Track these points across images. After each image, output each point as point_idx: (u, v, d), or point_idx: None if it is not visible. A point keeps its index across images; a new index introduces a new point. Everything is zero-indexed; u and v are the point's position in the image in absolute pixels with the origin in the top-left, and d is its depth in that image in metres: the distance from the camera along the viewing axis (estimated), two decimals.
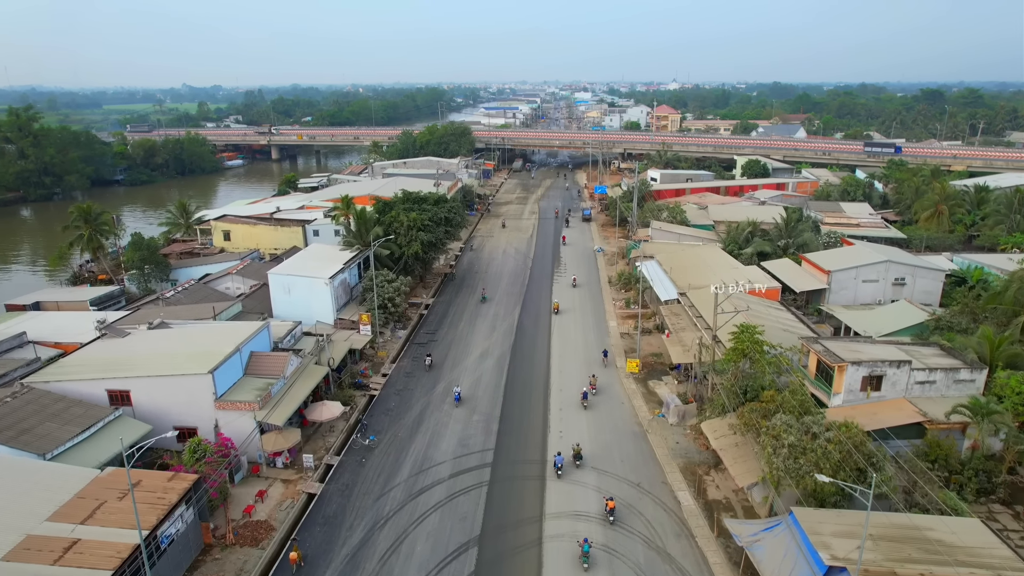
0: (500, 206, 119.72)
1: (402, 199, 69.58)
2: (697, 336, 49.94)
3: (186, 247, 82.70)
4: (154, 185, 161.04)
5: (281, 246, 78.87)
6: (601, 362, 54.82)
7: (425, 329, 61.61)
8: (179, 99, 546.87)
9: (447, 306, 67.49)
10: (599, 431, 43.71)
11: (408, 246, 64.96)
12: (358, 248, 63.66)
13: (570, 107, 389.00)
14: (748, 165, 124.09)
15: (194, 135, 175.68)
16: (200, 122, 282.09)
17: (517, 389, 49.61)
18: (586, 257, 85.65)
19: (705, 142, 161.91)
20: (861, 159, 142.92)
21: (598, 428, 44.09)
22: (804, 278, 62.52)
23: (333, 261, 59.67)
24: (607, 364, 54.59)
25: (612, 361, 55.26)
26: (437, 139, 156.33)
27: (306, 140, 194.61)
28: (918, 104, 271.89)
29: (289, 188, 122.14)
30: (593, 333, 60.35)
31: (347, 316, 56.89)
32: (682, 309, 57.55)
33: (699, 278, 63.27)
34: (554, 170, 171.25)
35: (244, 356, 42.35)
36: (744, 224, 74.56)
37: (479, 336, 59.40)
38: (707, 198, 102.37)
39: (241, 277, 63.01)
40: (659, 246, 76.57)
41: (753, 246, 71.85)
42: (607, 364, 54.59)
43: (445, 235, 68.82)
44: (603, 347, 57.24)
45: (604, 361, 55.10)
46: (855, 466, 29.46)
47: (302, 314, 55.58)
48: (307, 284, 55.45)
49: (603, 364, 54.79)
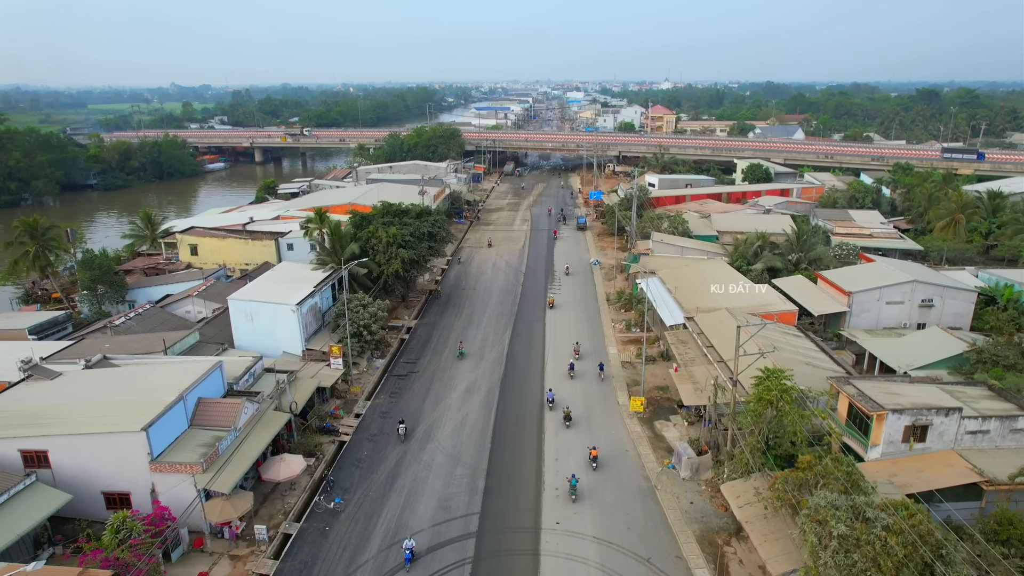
0: (490, 213, 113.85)
1: (381, 212, 63.67)
2: (710, 373, 44.29)
3: (150, 262, 76.48)
4: (130, 190, 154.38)
5: (253, 261, 72.93)
6: (597, 376, 52.26)
7: (406, 357, 55.73)
8: (167, 98, 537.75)
9: (431, 329, 61.63)
10: (602, 488, 37.99)
11: (387, 265, 59.09)
12: (332, 267, 57.76)
13: (563, 107, 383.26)
14: (750, 170, 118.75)
15: (172, 137, 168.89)
16: (183, 123, 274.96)
17: (507, 433, 43.86)
18: (582, 271, 79.95)
19: (703, 144, 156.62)
20: (864, 162, 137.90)
21: (601, 484, 38.37)
22: (822, 300, 57.03)
23: (303, 283, 53.72)
24: (603, 377, 52.05)
25: (609, 376, 52.39)
26: (425, 141, 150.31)
27: (290, 142, 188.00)
28: (914, 104, 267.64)
29: (268, 195, 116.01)
30: (592, 361, 54.60)
31: (318, 346, 50.96)
32: (690, 336, 51.96)
33: (707, 299, 57.78)
34: (547, 173, 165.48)
35: (190, 404, 36.45)
36: (753, 237, 69.06)
37: (465, 366, 53.59)
38: (708, 205, 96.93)
39: (203, 300, 56.94)
40: (661, 260, 71.00)
41: (763, 261, 66.39)
42: (603, 377, 52.05)
43: (428, 252, 62.95)
44: (603, 380, 51.74)
45: (600, 375, 52.35)
46: (921, 560, 23.89)
47: (266, 344, 49.73)
48: (272, 311, 49.50)
49: (599, 378, 52.08)
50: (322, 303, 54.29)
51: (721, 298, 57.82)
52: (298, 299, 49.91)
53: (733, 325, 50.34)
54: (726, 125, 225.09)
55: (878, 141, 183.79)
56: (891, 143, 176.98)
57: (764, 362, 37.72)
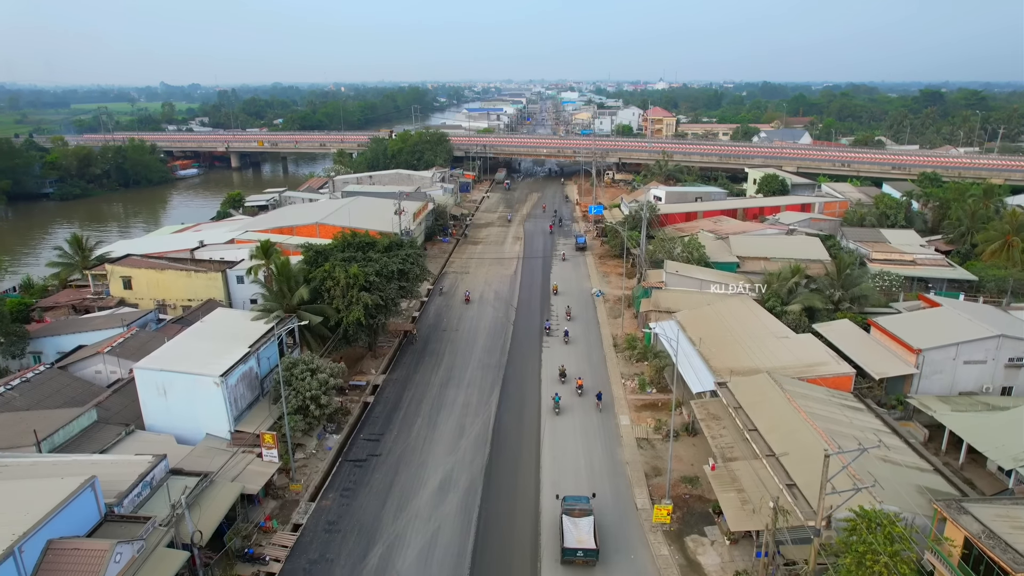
0: (479, 229, 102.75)
1: (340, 246, 52.46)
2: (760, 478, 33.46)
3: (77, 296, 65.26)
4: (92, 199, 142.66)
5: (197, 296, 61.74)
6: (596, 406, 47.49)
7: (368, 431, 44.68)
8: (154, 98, 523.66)
9: (402, 387, 50.57)
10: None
11: (347, 311, 48.03)
12: (278, 316, 46.72)
13: (557, 107, 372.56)
14: (765, 181, 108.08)
15: (138, 141, 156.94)
16: (162, 124, 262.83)
17: (491, 558, 32.95)
18: (583, 304, 69.03)
19: (709, 150, 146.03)
20: (884, 171, 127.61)
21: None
22: (881, 357, 46.27)
23: (236, 341, 42.64)
24: (601, 408, 47.25)
25: (609, 405, 46.94)
26: (410, 147, 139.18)
27: (267, 147, 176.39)
28: (918, 106, 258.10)
29: (232, 209, 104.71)
30: (598, 438, 43.74)
31: (253, 424, 39.90)
32: (723, 410, 41.17)
33: (739, 353, 47.05)
34: (541, 181, 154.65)
35: (32, 553, 25.42)
36: (787, 272, 58.26)
37: (440, 446, 42.61)
38: (723, 223, 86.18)
39: (117, 358, 45.76)
40: (677, 297, 60.31)
41: (800, 300, 55.72)
42: (601, 408, 47.25)
43: (399, 293, 51.81)
44: (612, 458, 41.02)
45: (599, 405, 47.52)
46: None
47: (185, 425, 38.77)
48: (190, 384, 38.44)
49: (598, 408, 47.33)
50: (262, 366, 43.20)
51: (757, 351, 47.18)
52: (225, 367, 38.82)
53: (780, 398, 39.79)
54: (728, 128, 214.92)
55: (891, 146, 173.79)
56: (905, 148, 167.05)
57: (847, 495, 26.72)
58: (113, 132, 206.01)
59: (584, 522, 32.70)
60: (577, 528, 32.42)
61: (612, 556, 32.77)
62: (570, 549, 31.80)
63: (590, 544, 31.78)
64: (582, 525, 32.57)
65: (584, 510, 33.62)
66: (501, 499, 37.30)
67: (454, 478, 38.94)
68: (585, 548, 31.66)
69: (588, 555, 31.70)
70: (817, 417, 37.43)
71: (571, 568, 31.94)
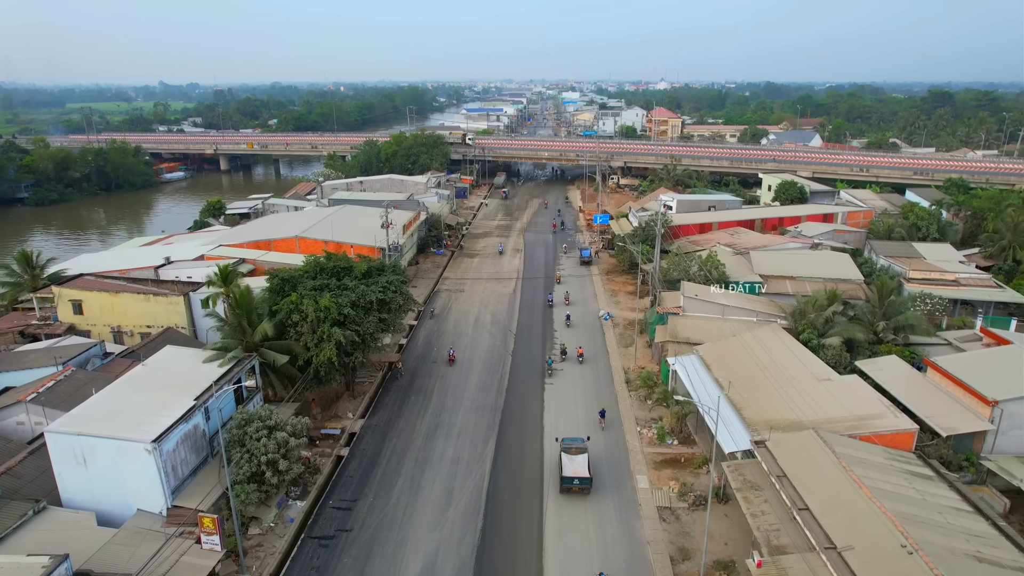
0: (476, 239, 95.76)
1: (312, 271, 45.34)
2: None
3: (23, 321, 58.29)
4: (71, 204, 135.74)
5: (157, 323, 55.00)
6: (598, 423, 44.83)
7: (338, 497, 37.69)
8: (152, 97, 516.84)
9: (382, 437, 43.58)
10: None
11: (316, 349, 41.05)
12: (235, 357, 39.77)
13: (558, 108, 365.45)
14: (782, 188, 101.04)
15: (120, 143, 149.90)
16: (152, 125, 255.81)
17: None
18: (589, 329, 62.06)
19: (719, 154, 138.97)
20: (906, 176, 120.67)
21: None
22: (945, 406, 39.24)
23: (179, 392, 35.67)
24: (604, 426, 44.48)
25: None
26: (405, 150, 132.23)
27: (257, 148, 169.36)
28: (927, 106, 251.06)
29: (212, 218, 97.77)
30: (612, 506, 36.74)
31: (197, 496, 32.94)
32: (764, 476, 34.16)
33: (778, 402, 40.06)
34: (543, 185, 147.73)
35: None
36: (822, 300, 51.19)
37: (424, 519, 35.62)
38: (741, 236, 79.13)
39: (42, 407, 38.77)
40: (697, 325, 53.36)
41: (839, 332, 48.74)
42: (604, 426, 44.48)
43: (379, 327, 44.71)
44: (630, 535, 34.12)
45: (601, 423, 44.81)
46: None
47: (110, 499, 31.88)
48: (115, 451, 31.49)
49: (600, 426, 44.58)
50: (212, 420, 36.20)
51: (797, 399, 40.21)
52: (160, 430, 31.83)
53: (832, 465, 32.82)
54: (736, 130, 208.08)
55: (905, 149, 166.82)
56: (921, 151, 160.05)
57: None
58: (100, 133, 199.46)
59: (580, 458, 38.00)
60: (573, 463, 37.63)
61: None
62: (567, 478, 37.08)
63: (584, 473, 37.07)
64: (578, 460, 37.83)
65: (580, 448, 38.69)
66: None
67: (438, 565, 31.93)
68: (580, 476, 37.01)
69: (583, 483, 37.04)
70: (882, 494, 30.48)
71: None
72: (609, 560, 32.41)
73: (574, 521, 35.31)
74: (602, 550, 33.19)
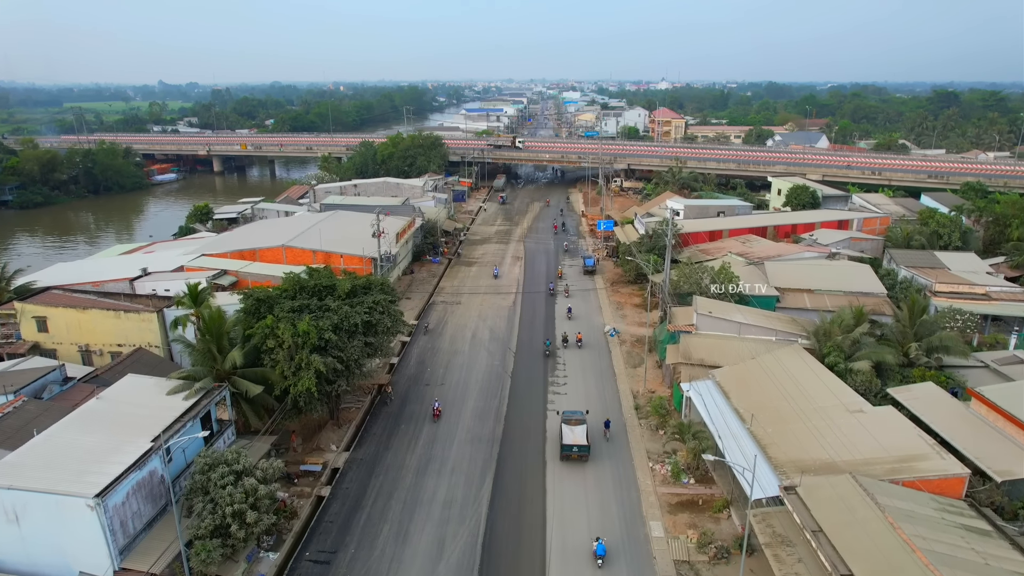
0: (474, 246, 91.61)
1: (291, 290, 41.18)
2: None
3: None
4: (57, 207, 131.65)
5: (128, 342, 50.92)
6: (603, 434, 43.02)
7: (317, 545, 33.59)
8: (151, 96, 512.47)
9: (368, 472, 39.48)
10: None
11: (295, 378, 36.95)
12: (204, 387, 35.67)
13: (559, 107, 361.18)
14: (794, 192, 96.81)
15: (109, 144, 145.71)
16: (147, 125, 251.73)
17: None
18: (594, 346, 57.93)
19: (726, 156, 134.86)
20: (920, 179, 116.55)
21: None
22: (995, 444, 35.08)
23: (137, 430, 31.59)
24: (609, 437, 42.78)
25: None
26: (401, 152, 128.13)
27: (250, 150, 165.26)
28: (932, 106, 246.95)
29: (199, 223, 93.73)
30: (624, 560, 32.61)
31: (147, 559, 28.84)
32: (796, 529, 30.09)
33: (808, 439, 35.95)
34: (544, 188, 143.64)
35: None
36: (848, 319, 47.02)
37: (412, 571, 31.51)
38: (754, 245, 75.01)
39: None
40: (712, 344, 49.28)
41: (867, 354, 44.65)
42: (609, 437, 42.78)
43: (364, 352, 40.55)
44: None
45: (606, 433, 42.99)
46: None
47: (47, 560, 27.84)
48: (52, 507, 27.38)
49: (605, 437, 42.81)
50: (175, 462, 32.10)
51: (828, 434, 36.12)
52: (106, 481, 27.75)
53: (876, 519, 28.67)
54: (740, 131, 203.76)
55: (915, 151, 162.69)
56: (931, 153, 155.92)
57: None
58: (93, 133, 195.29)
59: (579, 428, 40.92)
60: (573, 432, 40.53)
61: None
62: (567, 445, 39.97)
63: (583, 441, 40.04)
64: (577, 430, 40.69)
65: (579, 420, 41.66)
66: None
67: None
68: (579, 444, 39.88)
69: (581, 450, 39.89)
70: (939, 558, 26.36)
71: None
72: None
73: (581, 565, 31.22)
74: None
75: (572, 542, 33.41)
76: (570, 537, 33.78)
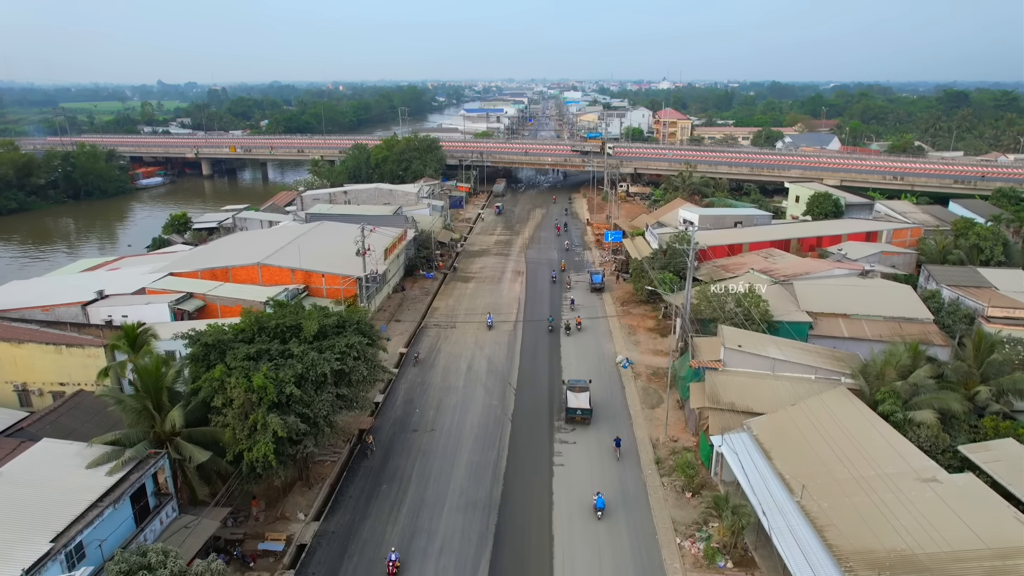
0: (472, 259, 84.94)
1: (247, 334, 34.42)
2: None
3: None
4: (33, 213, 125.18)
5: (72, 380, 44.40)
6: (613, 453, 40.50)
7: None
8: (149, 96, 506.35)
9: (340, 551, 32.81)
10: None
11: (249, 441, 30.29)
12: (137, 456, 29.03)
13: (560, 107, 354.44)
14: (816, 200, 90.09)
15: (91, 147, 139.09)
16: (137, 126, 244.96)
17: None
18: (605, 381, 51.20)
19: (738, 159, 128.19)
20: (946, 185, 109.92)
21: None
22: None
23: (38, 522, 24.96)
24: (620, 456, 40.25)
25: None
26: (396, 155, 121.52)
27: (239, 152, 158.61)
28: (942, 106, 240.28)
29: (177, 233, 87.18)
30: None
31: None
32: None
33: (874, 518, 29.22)
34: (545, 192, 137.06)
35: None
36: (902, 356, 40.39)
37: None
38: (777, 259, 68.27)
39: None
40: (742, 384, 42.66)
41: (928, 400, 38.05)
42: (620, 456, 40.25)
43: (334, 407, 33.84)
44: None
45: (617, 452, 40.60)
46: None
47: None
48: None
49: (616, 456, 40.35)
50: (90, 556, 25.48)
51: (899, 512, 29.41)
52: None
53: None
54: (748, 132, 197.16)
55: (931, 153, 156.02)
56: (948, 155, 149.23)
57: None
58: (82, 134, 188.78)
59: (582, 394, 44.64)
60: (577, 398, 44.29)
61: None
62: (572, 408, 43.99)
63: (586, 405, 43.98)
64: (581, 396, 44.43)
65: (583, 387, 45.34)
66: None
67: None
68: (582, 408, 43.86)
69: (584, 413, 43.91)
70: None
71: None
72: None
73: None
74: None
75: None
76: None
